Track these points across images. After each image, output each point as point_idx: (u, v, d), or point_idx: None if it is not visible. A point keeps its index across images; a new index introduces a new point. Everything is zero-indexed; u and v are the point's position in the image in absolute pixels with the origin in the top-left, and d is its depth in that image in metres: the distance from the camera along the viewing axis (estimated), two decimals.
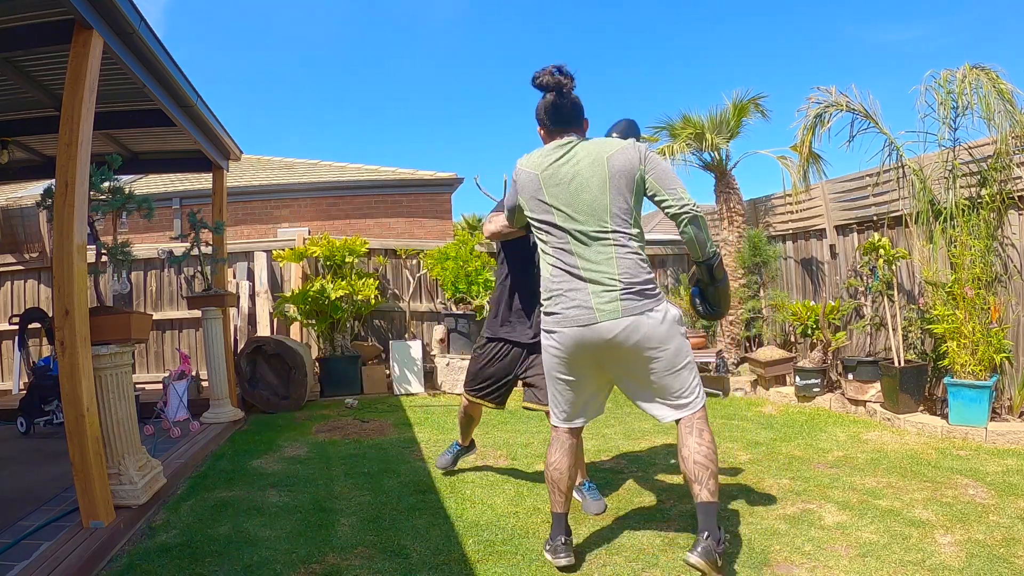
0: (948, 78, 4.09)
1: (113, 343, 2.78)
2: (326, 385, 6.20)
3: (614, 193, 2.11)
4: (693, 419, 2.16)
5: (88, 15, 2.56)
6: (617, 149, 2.15)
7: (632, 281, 2.08)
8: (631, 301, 2.07)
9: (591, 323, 2.08)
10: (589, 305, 2.08)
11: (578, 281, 2.11)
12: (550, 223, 2.16)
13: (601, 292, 2.07)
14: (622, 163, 2.12)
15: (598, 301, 2.07)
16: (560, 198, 2.14)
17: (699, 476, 2.08)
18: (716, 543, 2.00)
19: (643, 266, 2.13)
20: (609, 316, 2.06)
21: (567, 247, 2.14)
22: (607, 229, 2.10)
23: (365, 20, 69.70)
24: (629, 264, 2.09)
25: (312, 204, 10.25)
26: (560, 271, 2.15)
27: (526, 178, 2.22)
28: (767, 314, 6.31)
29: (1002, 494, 2.78)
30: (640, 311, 2.07)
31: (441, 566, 2.29)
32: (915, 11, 73.95)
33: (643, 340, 2.07)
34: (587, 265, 2.10)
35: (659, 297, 2.14)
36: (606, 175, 2.11)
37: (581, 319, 2.09)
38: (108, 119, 4.10)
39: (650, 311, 2.08)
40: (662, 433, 4.25)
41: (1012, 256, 4.15)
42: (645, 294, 2.09)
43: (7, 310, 6.52)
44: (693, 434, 2.14)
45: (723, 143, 6.25)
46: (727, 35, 75.92)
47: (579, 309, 2.09)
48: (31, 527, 2.51)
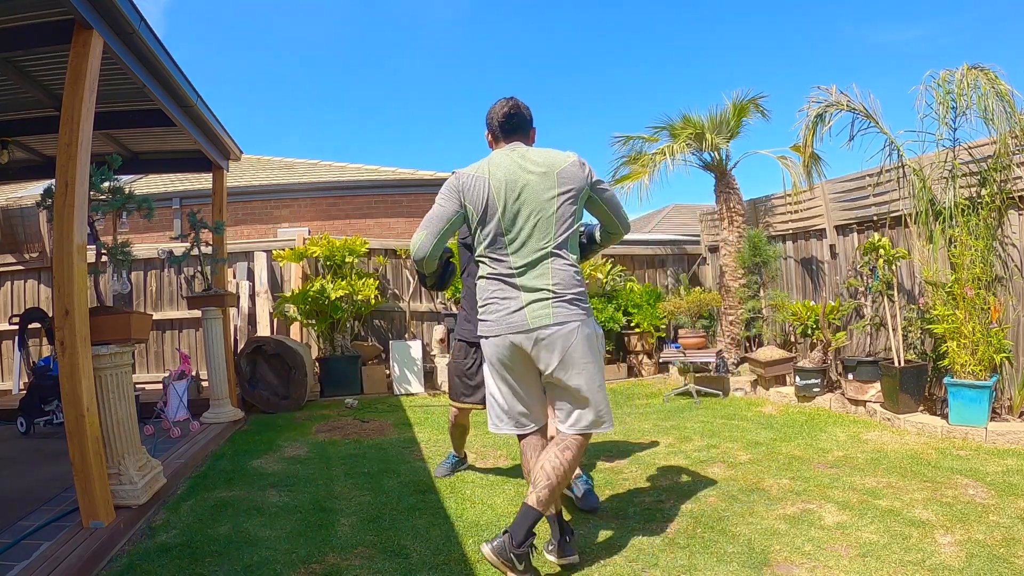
0: (947, 78, 4.09)
1: (113, 343, 2.78)
2: (326, 385, 6.20)
3: (560, 207, 2.14)
4: (574, 438, 2.19)
5: (88, 15, 2.56)
6: (566, 164, 2.19)
7: (565, 291, 2.13)
8: (563, 309, 2.12)
9: (523, 329, 2.12)
10: (523, 312, 2.12)
11: (512, 289, 2.15)
12: (494, 231, 2.16)
13: (534, 300, 2.11)
14: (570, 178, 2.16)
15: (531, 309, 2.11)
16: (507, 207, 2.14)
17: (537, 481, 2.12)
18: (515, 544, 2.04)
19: (577, 279, 2.18)
20: (540, 322, 2.11)
21: (504, 256, 2.16)
22: (547, 241, 2.13)
23: (365, 20, 69.69)
24: (564, 275, 2.14)
25: (312, 204, 10.25)
26: (495, 279, 2.18)
27: (476, 184, 2.18)
28: (767, 314, 6.31)
29: (1002, 494, 2.78)
30: (570, 320, 2.12)
31: (441, 566, 2.29)
32: (915, 11, 73.93)
33: (571, 349, 2.12)
34: (523, 272, 2.14)
35: (590, 311, 2.21)
36: (555, 189, 2.14)
37: (517, 324, 2.13)
38: (108, 119, 4.10)
39: (581, 322, 2.14)
40: (662, 433, 4.25)
41: (1012, 256, 4.15)
42: (577, 304, 2.15)
43: (7, 310, 6.52)
44: (560, 447, 2.17)
45: (723, 143, 6.26)
46: (727, 35, 75.87)
47: (513, 315, 2.13)
48: (31, 527, 2.51)
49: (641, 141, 6.72)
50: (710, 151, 6.31)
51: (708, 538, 2.45)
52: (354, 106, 65.43)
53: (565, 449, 2.15)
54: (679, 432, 4.26)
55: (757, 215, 6.59)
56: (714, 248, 7.29)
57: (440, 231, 2.21)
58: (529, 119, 2.34)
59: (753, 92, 6.16)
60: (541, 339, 2.11)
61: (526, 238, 2.13)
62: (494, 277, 2.18)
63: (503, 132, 2.30)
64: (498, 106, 2.31)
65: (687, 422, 4.56)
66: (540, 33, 69.00)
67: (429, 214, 2.23)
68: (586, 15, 63.73)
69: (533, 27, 68.62)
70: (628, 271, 7.60)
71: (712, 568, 2.20)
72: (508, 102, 2.30)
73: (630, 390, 6.12)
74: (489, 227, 2.17)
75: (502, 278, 2.16)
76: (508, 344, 2.16)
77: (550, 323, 2.10)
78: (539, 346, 2.12)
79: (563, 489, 2.14)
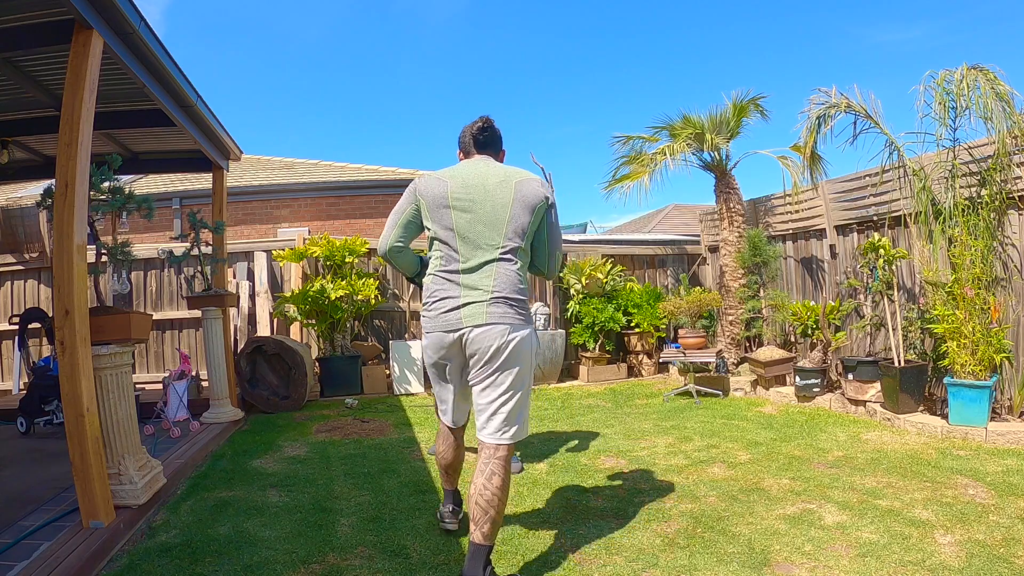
0: (946, 78, 4.09)
1: (113, 343, 2.78)
2: (326, 385, 6.20)
3: (514, 213, 2.18)
4: (494, 455, 2.14)
5: (88, 15, 2.56)
6: (527, 178, 2.25)
7: (503, 295, 2.15)
8: (497, 309, 2.13)
9: (455, 328, 2.16)
10: (459, 311, 2.15)
11: (455, 287, 2.18)
12: (447, 229, 2.20)
13: (472, 300, 2.14)
14: (529, 191, 2.21)
15: (467, 308, 2.14)
16: (462, 207, 2.19)
17: (476, 516, 2.09)
18: None
19: (520, 286, 2.20)
20: (472, 321, 2.13)
21: (453, 255, 2.19)
22: (496, 245, 2.17)
23: (365, 20, 69.70)
24: (507, 280, 2.16)
25: (312, 204, 10.25)
26: (441, 277, 2.22)
27: (434, 184, 2.24)
28: (767, 314, 6.31)
29: (1002, 494, 2.78)
30: (502, 322, 2.13)
31: (441, 566, 2.29)
32: (915, 11, 73.90)
33: (498, 350, 2.13)
34: (468, 272, 2.17)
35: (528, 319, 2.21)
36: (511, 196, 2.19)
37: (452, 323, 2.17)
38: (108, 119, 4.10)
39: (513, 327, 2.14)
40: (662, 433, 4.25)
41: (1012, 256, 4.15)
42: (513, 308, 2.16)
43: (7, 310, 6.52)
44: (485, 475, 2.11)
45: (723, 143, 6.25)
46: (727, 36, 75.85)
47: (451, 314, 2.17)
48: (31, 527, 2.51)
49: (641, 141, 6.71)
50: (710, 151, 6.31)
51: (708, 538, 2.45)
52: (354, 106, 65.44)
53: (492, 475, 2.10)
54: (679, 432, 4.26)
55: (757, 215, 6.59)
56: (714, 248, 7.29)
57: (394, 224, 2.32)
58: (500, 138, 2.42)
59: (753, 92, 6.15)
60: (471, 338, 2.14)
61: (476, 239, 2.17)
62: (440, 274, 2.23)
63: (475, 145, 2.37)
64: (472, 123, 2.39)
65: (687, 422, 4.56)
66: (539, 33, 69.02)
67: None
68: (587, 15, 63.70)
69: (532, 27, 68.59)
70: (628, 271, 7.60)
71: (712, 568, 2.20)
72: (483, 119, 2.38)
73: (630, 390, 6.12)
74: (442, 224, 2.21)
75: (448, 276, 2.20)
76: (442, 341, 2.21)
77: (481, 323, 2.12)
78: (469, 345, 2.16)
79: (502, 513, 2.11)
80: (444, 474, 2.59)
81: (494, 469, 2.12)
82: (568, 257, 7.40)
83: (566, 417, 4.99)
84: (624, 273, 7.42)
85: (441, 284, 2.21)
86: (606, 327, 6.83)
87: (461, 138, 2.43)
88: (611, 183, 6.70)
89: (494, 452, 2.14)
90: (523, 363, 2.17)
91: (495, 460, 2.13)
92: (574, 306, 7.04)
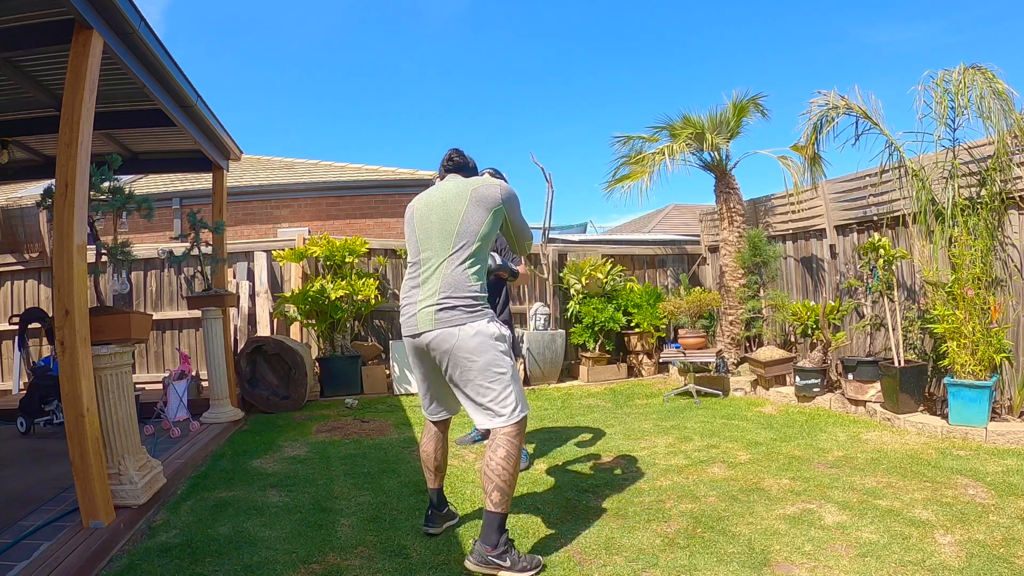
0: (945, 78, 4.09)
1: (113, 343, 2.78)
2: (326, 385, 6.20)
3: (467, 217, 2.33)
4: (498, 433, 2.26)
5: (88, 15, 2.56)
6: (483, 184, 2.41)
7: (450, 296, 2.28)
8: (445, 314, 2.27)
9: (414, 332, 2.35)
10: (415, 316, 2.33)
11: (415, 293, 2.38)
12: (413, 243, 2.46)
13: (424, 306, 2.31)
14: (485, 194, 2.37)
15: (421, 313, 2.31)
16: (420, 218, 2.43)
17: (485, 486, 2.24)
18: (491, 548, 2.18)
19: (469, 285, 2.31)
20: (425, 327, 2.30)
21: (416, 265, 2.42)
22: (447, 249, 2.32)
23: (365, 20, 69.70)
24: (453, 282, 2.29)
25: (312, 204, 10.25)
26: (407, 286, 2.45)
27: (409, 208, 2.55)
28: (767, 314, 6.31)
29: (1002, 494, 2.78)
30: (452, 324, 2.26)
31: (441, 566, 2.29)
32: (915, 11, 73.90)
33: (454, 350, 2.26)
34: (424, 280, 2.36)
35: (478, 313, 2.30)
36: (465, 204, 2.35)
37: (412, 328, 2.36)
38: (108, 119, 4.09)
39: (463, 325, 2.26)
40: (662, 433, 4.25)
41: (1012, 256, 4.15)
42: (462, 309, 2.28)
43: (7, 310, 6.52)
44: (491, 448, 2.26)
45: (723, 143, 6.25)
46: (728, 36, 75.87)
47: (411, 319, 2.36)
48: (31, 527, 2.51)
49: (641, 141, 6.71)
50: (710, 151, 6.31)
51: (708, 538, 2.45)
52: (353, 106, 65.45)
53: (496, 448, 2.24)
54: (679, 432, 4.26)
55: (757, 215, 6.59)
56: (714, 248, 7.29)
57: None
58: (467, 165, 2.62)
59: (753, 92, 6.17)
60: (427, 343, 2.31)
61: (432, 248, 2.36)
62: (407, 282, 2.46)
63: (445, 170, 2.59)
64: (447, 153, 2.63)
65: (687, 422, 4.56)
66: (539, 34, 69.03)
67: None
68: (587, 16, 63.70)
69: (532, 28, 68.60)
70: (628, 271, 7.60)
71: (712, 568, 2.20)
72: (452, 151, 2.61)
73: (630, 390, 6.12)
74: (410, 240, 2.48)
75: (411, 284, 2.42)
76: (409, 344, 2.42)
77: (431, 328, 2.28)
78: (429, 349, 2.32)
79: (511, 484, 2.23)
80: (426, 471, 2.62)
81: (499, 443, 2.24)
82: (568, 257, 7.41)
83: (566, 417, 4.99)
84: (624, 273, 7.42)
85: (406, 292, 2.44)
86: (606, 327, 6.83)
87: (440, 165, 2.66)
88: (611, 183, 6.70)
89: (497, 432, 2.27)
90: (482, 353, 2.25)
91: (499, 436, 2.26)
92: (574, 306, 7.04)
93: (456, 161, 2.59)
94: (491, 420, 2.28)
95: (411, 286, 2.42)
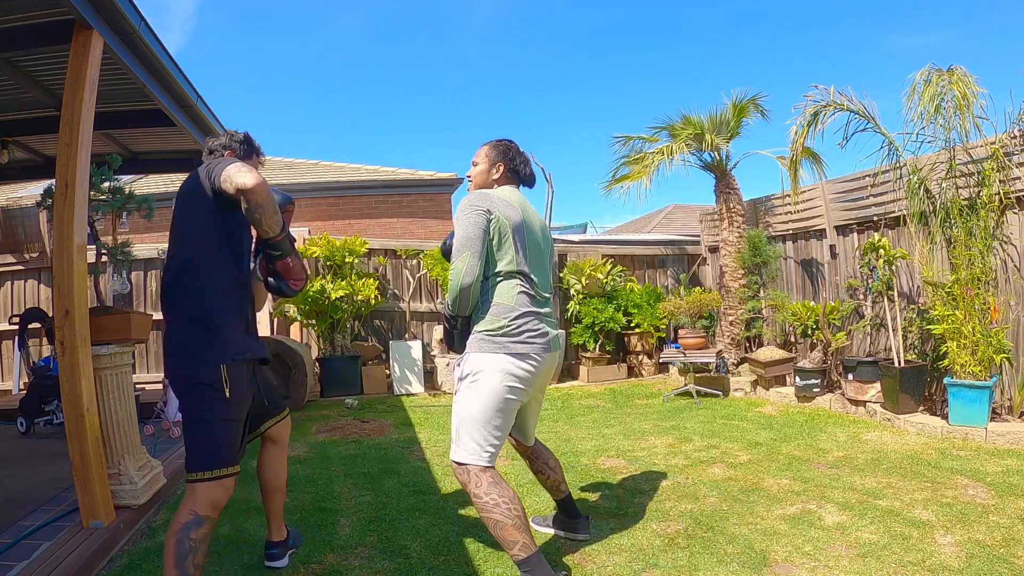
0: (939, 80, 4.08)
1: (113, 343, 2.78)
2: (326, 385, 6.20)
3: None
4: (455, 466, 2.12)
5: (88, 15, 2.55)
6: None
7: (474, 326, 2.18)
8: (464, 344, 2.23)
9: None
10: (558, 335, 2.37)
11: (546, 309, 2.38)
12: (521, 250, 2.33)
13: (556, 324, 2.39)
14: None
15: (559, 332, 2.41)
16: (528, 234, 2.30)
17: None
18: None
19: (480, 315, 2.15)
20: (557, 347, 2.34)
21: (530, 276, 2.29)
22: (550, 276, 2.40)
23: (366, 19, 69.73)
24: (478, 311, 2.16)
25: (312, 204, 10.24)
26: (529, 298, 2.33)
27: (511, 211, 2.27)
28: (767, 314, 6.31)
29: (1002, 494, 2.78)
30: (464, 351, 2.20)
31: (441, 566, 2.29)
32: (935, 18, 73.91)
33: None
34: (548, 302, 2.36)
35: (483, 342, 2.12)
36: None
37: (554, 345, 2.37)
38: (108, 119, 4.09)
39: (464, 355, 2.18)
40: (662, 434, 4.25)
41: (1011, 256, 4.15)
42: (472, 337, 2.16)
43: (7, 310, 6.52)
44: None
45: (723, 143, 6.25)
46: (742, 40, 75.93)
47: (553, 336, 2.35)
48: (31, 527, 2.51)
49: (641, 141, 6.72)
50: (710, 151, 6.31)
51: (708, 538, 2.45)
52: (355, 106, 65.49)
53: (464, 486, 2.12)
54: (679, 432, 4.26)
55: (757, 215, 6.59)
56: (714, 248, 7.29)
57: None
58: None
59: (752, 92, 6.17)
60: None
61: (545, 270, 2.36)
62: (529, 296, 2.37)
63: (518, 176, 2.36)
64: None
65: (687, 422, 4.56)
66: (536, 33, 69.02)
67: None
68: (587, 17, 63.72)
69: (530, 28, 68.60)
70: (628, 271, 7.60)
71: (712, 568, 2.20)
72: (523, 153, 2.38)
73: (630, 390, 6.12)
74: (520, 248, 2.28)
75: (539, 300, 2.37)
76: (547, 361, 2.34)
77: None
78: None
79: (500, 532, 2.00)
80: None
81: (457, 478, 2.12)
82: (568, 257, 7.42)
83: (566, 417, 4.99)
84: (624, 273, 7.42)
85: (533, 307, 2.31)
86: (606, 327, 6.83)
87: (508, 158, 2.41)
88: (611, 183, 6.71)
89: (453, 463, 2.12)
90: (463, 385, 2.12)
91: (455, 470, 2.12)
92: (574, 306, 7.04)
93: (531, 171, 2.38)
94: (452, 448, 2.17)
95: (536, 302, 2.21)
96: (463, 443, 2.08)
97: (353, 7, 68.61)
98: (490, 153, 2.33)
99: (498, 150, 2.33)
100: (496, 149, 2.33)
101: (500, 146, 2.33)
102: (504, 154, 2.32)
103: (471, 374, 2.11)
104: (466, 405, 2.09)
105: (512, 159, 2.32)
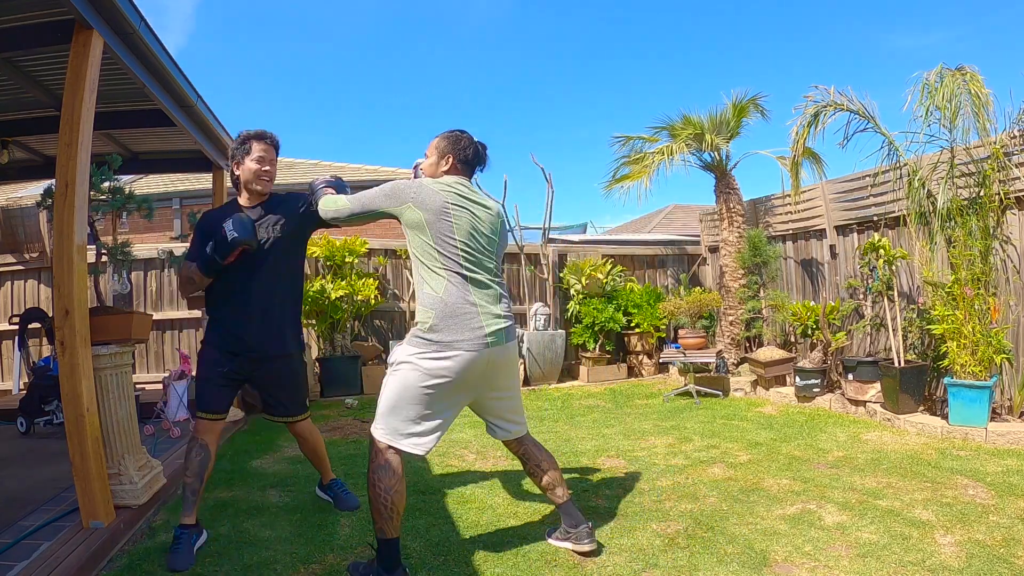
0: (935, 81, 4.08)
1: (113, 343, 2.78)
2: (326, 385, 6.20)
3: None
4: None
5: (88, 15, 2.55)
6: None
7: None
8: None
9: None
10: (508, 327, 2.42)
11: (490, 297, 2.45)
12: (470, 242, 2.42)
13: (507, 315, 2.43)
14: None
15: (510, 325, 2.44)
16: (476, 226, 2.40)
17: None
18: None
19: (421, 304, 2.25)
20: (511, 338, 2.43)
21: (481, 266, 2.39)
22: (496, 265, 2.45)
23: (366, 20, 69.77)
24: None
25: None
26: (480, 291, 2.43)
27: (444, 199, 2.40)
28: (767, 314, 6.31)
29: (1002, 494, 2.78)
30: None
31: (441, 566, 2.29)
32: (933, 18, 74.05)
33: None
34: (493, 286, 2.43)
35: (412, 336, 2.23)
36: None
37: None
38: (108, 119, 4.09)
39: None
40: (662, 434, 4.25)
41: (1011, 256, 4.15)
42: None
43: (7, 310, 6.51)
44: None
45: (723, 143, 6.25)
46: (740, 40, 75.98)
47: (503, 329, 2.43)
48: (31, 527, 2.51)
49: (641, 141, 6.72)
50: (710, 151, 6.31)
51: (708, 538, 2.45)
52: (354, 106, 65.54)
53: (370, 463, 2.28)
54: (679, 432, 4.26)
55: (757, 215, 6.59)
56: (714, 248, 7.29)
57: None
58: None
59: (752, 92, 6.17)
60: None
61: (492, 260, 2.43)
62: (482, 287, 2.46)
63: (470, 167, 2.42)
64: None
65: (687, 422, 4.56)
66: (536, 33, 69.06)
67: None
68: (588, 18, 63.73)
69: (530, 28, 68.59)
70: (628, 271, 7.60)
71: (712, 568, 2.20)
72: (480, 142, 2.42)
73: (630, 390, 6.12)
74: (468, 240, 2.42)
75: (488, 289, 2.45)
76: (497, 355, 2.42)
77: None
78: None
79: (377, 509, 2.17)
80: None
81: (370, 454, 2.28)
82: (568, 257, 7.42)
83: (566, 417, 4.99)
84: (624, 273, 7.42)
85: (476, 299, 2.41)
86: (606, 327, 6.83)
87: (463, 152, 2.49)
88: (611, 183, 6.71)
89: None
90: (388, 372, 2.24)
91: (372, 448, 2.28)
92: (574, 306, 7.04)
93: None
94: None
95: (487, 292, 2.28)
96: (379, 422, 2.23)
97: (353, 7, 68.66)
98: (440, 144, 2.36)
99: (448, 141, 2.36)
100: (446, 140, 2.36)
101: (450, 137, 2.37)
102: (454, 145, 2.34)
103: (393, 364, 2.24)
104: (384, 392, 2.23)
105: (463, 150, 2.34)
